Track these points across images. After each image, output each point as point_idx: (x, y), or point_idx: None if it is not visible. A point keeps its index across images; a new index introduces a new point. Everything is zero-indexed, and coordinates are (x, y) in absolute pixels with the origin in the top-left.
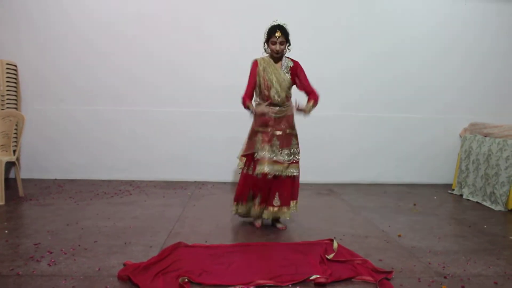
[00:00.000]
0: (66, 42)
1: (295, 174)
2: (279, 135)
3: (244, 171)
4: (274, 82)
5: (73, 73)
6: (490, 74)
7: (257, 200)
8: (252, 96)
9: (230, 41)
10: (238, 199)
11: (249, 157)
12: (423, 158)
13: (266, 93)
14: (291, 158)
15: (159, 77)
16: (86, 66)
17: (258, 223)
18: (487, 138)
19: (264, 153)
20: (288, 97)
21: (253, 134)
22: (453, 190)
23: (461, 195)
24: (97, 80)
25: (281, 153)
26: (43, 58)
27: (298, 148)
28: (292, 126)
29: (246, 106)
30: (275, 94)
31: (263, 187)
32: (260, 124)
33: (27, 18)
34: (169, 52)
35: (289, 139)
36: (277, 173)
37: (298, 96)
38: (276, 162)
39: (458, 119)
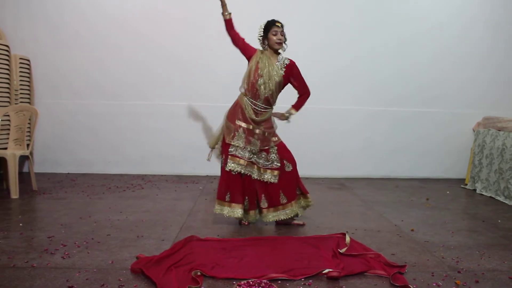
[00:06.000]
0: (79, 37)
1: (271, 181)
2: (259, 134)
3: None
4: (264, 72)
5: (85, 68)
6: (505, 68)
7: (245, 204)
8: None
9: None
10: (220, 197)
11: (225, 150)
12: (436, 152)
13: (253, 81)
14: (268, 163)
15: (170, 71)
16: (99, 61)
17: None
18: (501, 132)
19: (245, 153)
20: (272, 97)
21: (233, 124)
22: (466, 184)
23: (474, 190)
24: (110, 74)
25: (258, 156)
26: (56, 52)
27: (277, 155)
28: (270, 132)
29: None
30: (262, 84)
31: (246, 188)
32: (241, 118)
33: (41, 13)
34: (181, 47)
35: (267, 142)
36: (251, 175)
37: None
38: (252, 163)
39: (471, 113)
